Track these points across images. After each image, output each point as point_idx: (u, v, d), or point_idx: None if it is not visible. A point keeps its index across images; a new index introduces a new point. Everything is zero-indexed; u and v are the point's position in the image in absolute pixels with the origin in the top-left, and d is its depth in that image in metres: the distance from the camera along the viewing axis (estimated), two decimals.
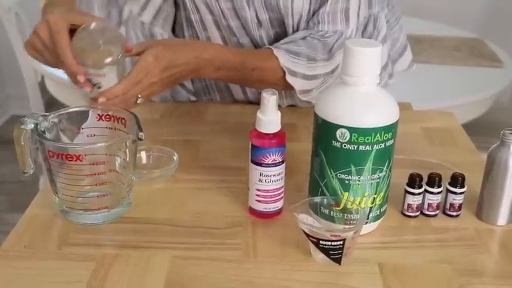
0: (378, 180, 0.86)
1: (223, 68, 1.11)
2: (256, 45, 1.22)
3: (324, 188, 0.88)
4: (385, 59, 1.31)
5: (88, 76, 1.00)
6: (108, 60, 1.00)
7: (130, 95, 1.01)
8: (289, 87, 1.15)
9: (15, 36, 2.44)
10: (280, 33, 1.21)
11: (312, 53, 1.14)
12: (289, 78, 1.13)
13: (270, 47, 1.14)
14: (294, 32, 1.19)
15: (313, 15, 1.18)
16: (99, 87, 1.00)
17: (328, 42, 1.15)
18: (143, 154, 1.07)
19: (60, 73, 2.30)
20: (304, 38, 1.16)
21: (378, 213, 0.90)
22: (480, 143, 1.28)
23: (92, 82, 1.00)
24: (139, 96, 1.03)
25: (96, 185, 0.90)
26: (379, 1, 1.23)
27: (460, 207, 0.95)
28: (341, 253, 0.82)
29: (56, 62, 1.02)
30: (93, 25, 1.00)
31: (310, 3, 1.16)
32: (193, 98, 1.35)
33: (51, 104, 2.57)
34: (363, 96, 0.84)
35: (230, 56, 1.12)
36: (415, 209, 0.95)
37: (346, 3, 1.16)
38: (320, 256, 0.84)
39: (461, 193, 0.95)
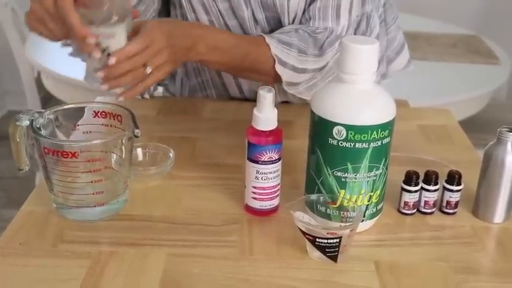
0: (375, 178, 0.86)
1: (217, 49, 1.09)
2: None
3: (320, 185, 0.88)
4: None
5: (96, 39, 0.93)
6: (116, 17, 0.94)
7: (139, 62, 0.96)
8: (278, 79, 1.14)
9: (12, 32, 2.44)
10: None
11: (303, 46, 1.13)
12: (278, 68, 1.12)
13: (263, 34, 1.13)
14: None
15: (304, 11, 1.18)
16: (108, 54, 0.94)
17: (319, 38, 1.15)
18: (139, 151, 1.07)
19: (57, 69, 2.30)
20: (296, 30, 1.15)
21: (374, 211, 0.90)
22: (477, 140, 1.28)
23: (101, 46, 0.93)
24: (148, 66, 0.98)
25: (91, 182, 0.89)
26: (372, 0, 1.23)
27: (456, 204, 0.95)
28: (337, 251, 0.82)
29: (61, 30, 0.97)
30: None
31: (306, 2, 1.16)
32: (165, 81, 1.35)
33: (48, 99, 2.56)
34: (359, 94, 0.84)
35: (224, 35, 1.11)
36: (411, 206, 0.95)
37: None
38: (316, 254, 0.84)
39: (457, 191, 0.94)
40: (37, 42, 2.51)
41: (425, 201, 0.95)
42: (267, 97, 0.87)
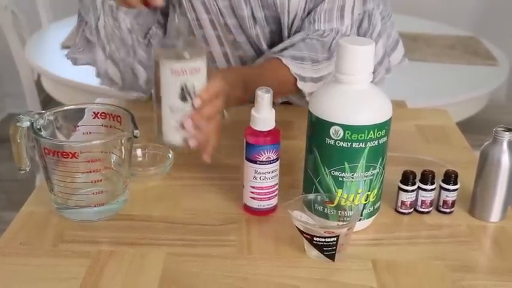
0: (372, 177, 0.87)
1: (248, 88, 1.07)
2: (252, 43, 1.22)
3: (317, 185, 0.88)
4: (381, 54, 1.31)
5: (182, 76, 0.89)
6: (203, 51, 0.91)
7: (220, 105, 0.96)
8: (300, 92, 1.17)
9: (12, 35, 2.44)
10: (275, 31, 1.21)
11: (314, 55, 1.15)
12: (300, 84, 1.15)
13: (277, 56, 1.15)
14: (288, 29, 1.20)
15: (308, 13, 1.18)
16: (189, 94, 0.90)
17: (326, 41, 1.17)
18: (139, 151, 1.07)
19: (56, 71, 2.31)
20: (303, 40, 1.17)
21: (371, 210, 0.90)
22: (475, 141, 1.28)
23: (187, 88, 0.90)
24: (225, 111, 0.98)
25: (91, 182, 0.90)
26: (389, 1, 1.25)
27: (453, 204, 0.96)
28: (335, 250, 0.83)
29: None
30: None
31: (306, 1, 1.17)
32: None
33: (48, 102, 2.57)
34: (356, 94, 0.84)
35: (247, 70, 1.12)
36: (408, 205, 0.96)
37: (343, 0, 1.17)
38: (314, 253, 0.84)
39: (454, 190, 0.95)
40: (37, 45, 2.53)
41: (422, 200, 0.95)
42: (264, 98, 0.88)
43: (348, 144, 0.84)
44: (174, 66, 0.88)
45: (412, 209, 0.96)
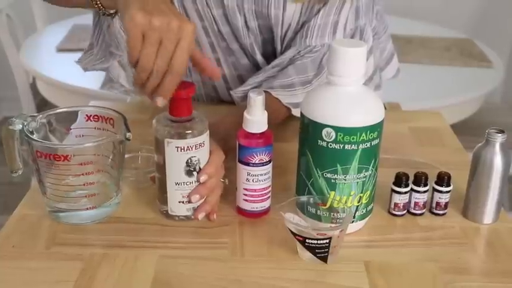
0: (364, 179, 0.87)
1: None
2: (245, 50, 1.22)
3: (310, 187, 0.88)
4: (370, 71, 1.31)
5: (188, 152, 0.89)
6: (206, 125, 0.91)
7: (220, 176, 0.96)
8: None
9: (7, 38, 2.44)
10: (268, 39, 1.21)
11: (304, 77, 1.15)
12: (295, 112, 1.12)
13: (266, 90, 1.13)
14: (281, 40, 1.20)
15: (301, 26, 1.18)
16: (194, 169, 0.90)
17: (316, 56, 1.17)
18: (131, 154, 1.07)
19: (52, 74, 2.31)
20: (292, 62, 1.17)
21: (364, 212, 0.90)
22: (470, 143, 1.28)
23: (192, 163, 0.90)
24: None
25: (84, 185, 0.90)
26: (365, 14, 1.24)
27: (446, 205, 0.96)
28: (327, 252, 0.83)
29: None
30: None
31: (301, 14, 1.17)
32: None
33: (43, 105, 2.57)
34: (348, 96, 0.85)
35: (239, 116, 1.11)
36: (401, 207, 0.96)
37: (337, 16, 1.17)
38: (306, 255, 0.84)
39: (447, 192, 0.95)
40: (32, 48, 2.53)
41: (415, 202, 0.96)
42: (256, 100, 0.88)
43: (340, 146, 0.84)
44: (180, 144, 0.88)
45: (405, 211, 0.96)
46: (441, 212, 0.96)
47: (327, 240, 0.82)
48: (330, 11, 1.16)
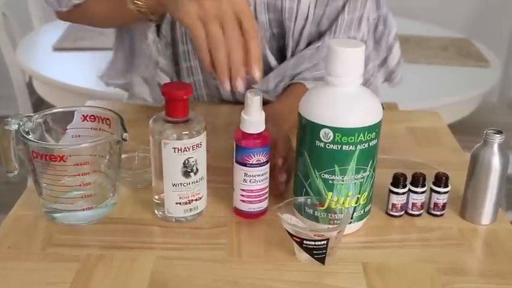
0: (362, 180, 0.87)
1: (290, 117, 1.07)
2: None
3: (308, 188, 0.88)
4: (394, 60, 1.34)
5: (185, 153, 0.89)
6: (203, 125, 0.91)
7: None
8: None
9: (3, 37, 2.43)
10: (277, 34, 1.21)
11: None
12: None
13: (301, 82, 1.16)
14: (293, 34, 1.20)
15: (319, 22, 1.19)
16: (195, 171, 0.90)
17: None
18: (128, 154, 1.07)
19: (48, 73, 2.30)
20: (317, 49, 1.19)
21: (361, 213, 0.90)
22: (467, 143, 1.28)
23: (189, 163, 0.89)
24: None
25: (80, 185, 0.89)
26: (386, 2, 1.25)
27: (444, 206, 0.96)
28: (325, 253, 0.83)
29: None
30: None
31: (315, 7, 1.17)
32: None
33: (39, 104, 2.56)
34: (346, 96, 0.84)
35: (284, 107, 1.13)
36: (399, 208, 0.95)
37: (363, 9, 1.17)
38: (304, 256, 0.84)
39: (445, 192, 0.95)
40: (28, 47, 2.52)
41: (412, 203, 0.95)
42: (254, 100, 0.88)
43: (338, 147, 0.84)
44: (177, 145, 0.88)
45: (403, 212, 0.96)
46: (439, 212, 0.96)
47: (325, 242, 0.82)
48: (355, 5, 1.17)
